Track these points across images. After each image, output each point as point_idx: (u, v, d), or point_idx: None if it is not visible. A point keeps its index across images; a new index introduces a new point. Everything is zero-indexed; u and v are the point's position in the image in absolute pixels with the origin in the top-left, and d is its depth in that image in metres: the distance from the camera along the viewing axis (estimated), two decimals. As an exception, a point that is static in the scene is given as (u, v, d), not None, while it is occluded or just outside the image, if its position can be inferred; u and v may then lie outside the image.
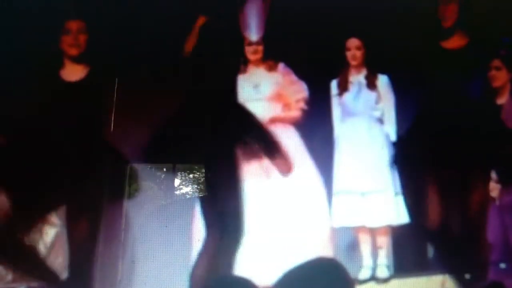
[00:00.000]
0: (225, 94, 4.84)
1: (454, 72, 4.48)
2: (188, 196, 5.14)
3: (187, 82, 5.28)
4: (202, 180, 4.91)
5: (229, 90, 4.65)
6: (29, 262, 4.52)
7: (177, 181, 5.29)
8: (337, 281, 3.93)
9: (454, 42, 4.56)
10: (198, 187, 5.01)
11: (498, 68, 4.87)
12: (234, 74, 4.94)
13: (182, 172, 5.33)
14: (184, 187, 5.30)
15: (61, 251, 4.48)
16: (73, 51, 4.69)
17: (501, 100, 4.88)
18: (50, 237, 5.26)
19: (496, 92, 4.88)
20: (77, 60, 4.72)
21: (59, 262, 4.63)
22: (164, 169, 5.37)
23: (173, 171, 5.36)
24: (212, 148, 4.18)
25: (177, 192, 5.30)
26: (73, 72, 4.72)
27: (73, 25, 4.71)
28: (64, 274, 4.44)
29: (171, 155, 5.30)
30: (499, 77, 4.87)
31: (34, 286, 4.55)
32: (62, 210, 4.55)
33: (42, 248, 4.62)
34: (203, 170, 4.77)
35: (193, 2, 5.37)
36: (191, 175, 5.01)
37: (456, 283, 4.13)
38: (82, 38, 4.69)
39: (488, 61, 4.52)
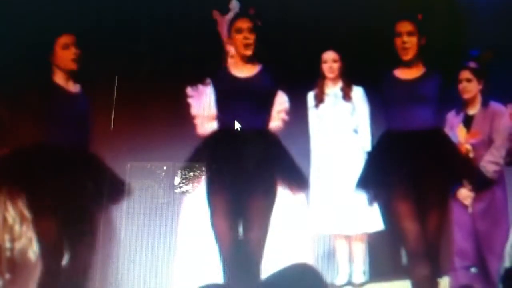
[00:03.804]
0: None
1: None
2: (188, 195, 5.15)
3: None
4: (202, 178, 4.90)
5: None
6: None
7: (177, 180, 5.29)
8: (313, 286, 3.92)
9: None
10: (198, 185, 5.01)
11: (468, 80, 4.86)
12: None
13: (182, 171, 5.33)
14: (184, 185, 5.31)
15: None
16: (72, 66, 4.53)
17: (472, 111, 4.89)
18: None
19: (467, 103, 4.89)
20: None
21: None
22: (164, 168, 5.39)
23: (173, 170, 5.39)
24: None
25: (177, 191, 5.30)
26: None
27: (68, 39, 4.55)
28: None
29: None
30: (470, 89, 4.86)
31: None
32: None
33: (31, 255, 4.69)
34: (203, 168, 4.76)
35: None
36: (191, 173, 5.01)
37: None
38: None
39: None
